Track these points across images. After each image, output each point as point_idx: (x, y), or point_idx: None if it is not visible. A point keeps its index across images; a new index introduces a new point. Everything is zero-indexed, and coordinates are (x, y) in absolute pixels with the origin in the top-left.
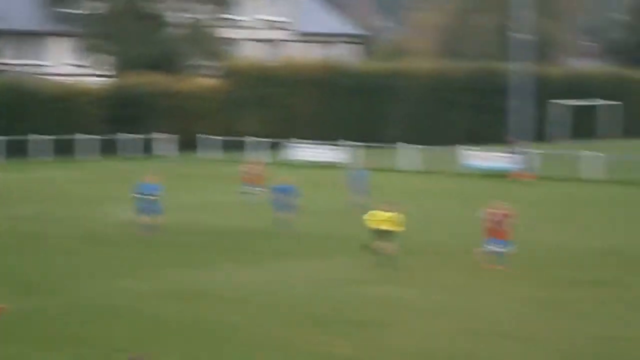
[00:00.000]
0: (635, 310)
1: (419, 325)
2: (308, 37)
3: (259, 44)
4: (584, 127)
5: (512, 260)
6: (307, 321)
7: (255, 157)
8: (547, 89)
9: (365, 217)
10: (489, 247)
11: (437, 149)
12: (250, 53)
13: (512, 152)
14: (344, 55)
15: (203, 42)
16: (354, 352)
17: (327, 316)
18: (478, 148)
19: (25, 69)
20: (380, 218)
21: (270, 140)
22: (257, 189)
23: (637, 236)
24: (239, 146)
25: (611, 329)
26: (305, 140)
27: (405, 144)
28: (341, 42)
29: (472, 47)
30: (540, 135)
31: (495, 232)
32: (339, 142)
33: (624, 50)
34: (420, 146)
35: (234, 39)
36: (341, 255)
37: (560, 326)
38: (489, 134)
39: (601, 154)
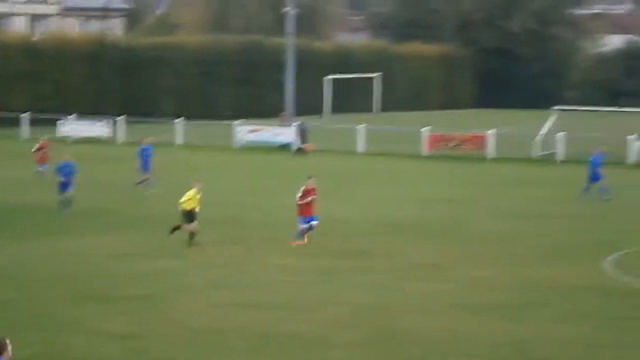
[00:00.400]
0: (402, 280)
1: (195, 299)
2: (76, 12)
3: (27, 18)
4: (350, 100)
5: (291, 233)
6: (85, 297)
7: (40, 135)
8: (317, 63)
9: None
10: (305, 224)
11: (211, 123)
12: (18, 27)
13: (286, 126)
14: (113, 29)
15: None
16: (131, 328)
17: (106, 292)
18: (252, 122)
19: None
20: (187, 198)
21: (43, 116)
22: (45, 166)
23: (405, 207)
24: (10, 122)
25: (376, 298)
26: (77, 116)
27: (178, 119)
28: (110, 16)
29: (243, 21)
30: (311, 109)
31: (309, 209)
32: (110, 117)
33: (390, 25)
34: (192, 121)
35: (1, 13)
36: (124, 231)
37: (326, 295)
38: (262, 109)
39: (365, 127)
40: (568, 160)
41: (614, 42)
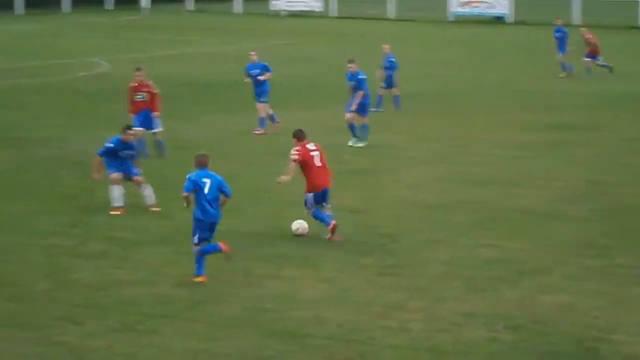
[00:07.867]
0: (620, 155)
1: (416, 174)
2: None
3: None
4: None
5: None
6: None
7: None
8: None
9: None
10: None
11: None
12: None
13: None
14: None
15: None
16: (357, 203)
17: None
18: None
19: None
20: None
21: None
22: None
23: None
24: None
25: (600, 173)
26: None
27: None
28: None
29: None
30: None
31: None
32: None
33: None
34: None
35: None
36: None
37: (551, 169)
38: None
39: None
40: None
41: None
